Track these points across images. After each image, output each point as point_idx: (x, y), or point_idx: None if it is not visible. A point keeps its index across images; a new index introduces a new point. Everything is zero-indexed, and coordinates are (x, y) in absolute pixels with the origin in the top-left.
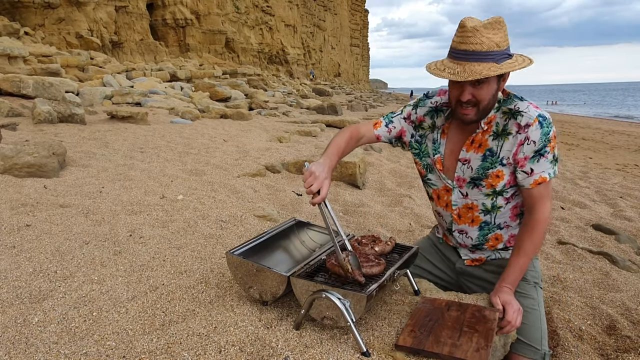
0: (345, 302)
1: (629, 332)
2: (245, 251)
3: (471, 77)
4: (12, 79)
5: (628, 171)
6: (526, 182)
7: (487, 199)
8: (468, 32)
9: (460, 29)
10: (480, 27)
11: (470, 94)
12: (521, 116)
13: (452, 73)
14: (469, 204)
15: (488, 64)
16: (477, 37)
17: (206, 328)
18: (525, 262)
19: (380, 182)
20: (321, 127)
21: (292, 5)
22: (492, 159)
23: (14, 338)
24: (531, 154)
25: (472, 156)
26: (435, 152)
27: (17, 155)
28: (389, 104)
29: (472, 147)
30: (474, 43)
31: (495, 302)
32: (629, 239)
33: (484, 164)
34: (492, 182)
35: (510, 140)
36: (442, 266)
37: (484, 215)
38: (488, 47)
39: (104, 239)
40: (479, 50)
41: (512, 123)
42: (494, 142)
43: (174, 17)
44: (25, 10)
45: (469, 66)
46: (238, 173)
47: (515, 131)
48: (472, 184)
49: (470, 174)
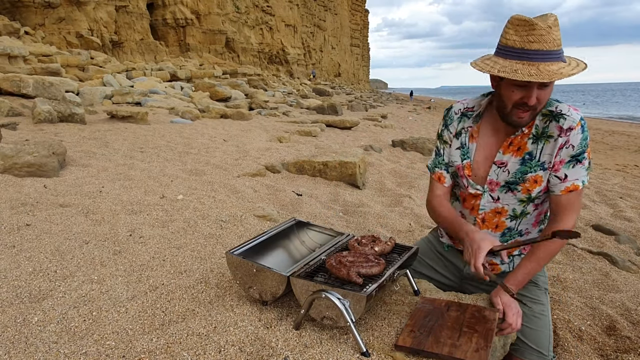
0: (344, 302)
1: (629, 332)
2: (245, 251)
3: (556, 77)
4: (12, 79)
5: (628, 172)
6: (557, 188)
7: (519, 204)
8: (542, 31)
9: (529, 27)
10: (553, 25)
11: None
12: (564, 119)
13: (529, 74)
14: (498, 208)
15: (559, 63)
16: (551, 35)
17: (206, 328)
18: (535, 268)
19: (380, 182)
20: (321, 127)
21: (292, 5)
22: (532, 162)
23: (14, 337)
24: (567, 158)
25: (509, 159)
26: (464, 157)
27: (17, 154)
28: (389, 104)
29: (510, 150)
30: (548, 42)
31: (495, 302)
32: (628, 240)
33: (523, 168)
34: (529, 187)
35: (551, 143)
36: (444, 271)
37: (510, 221)
38: (558, 45)
39: (103, 239)
40: (553, 50)
41: (553, 126)
42: (534, 145)
43: (174, 16)
44: (26, 10)
45: (543, 66)
46: (238, 173)
47: (557, 134)
48: (506, 187)
49: (506, 178)
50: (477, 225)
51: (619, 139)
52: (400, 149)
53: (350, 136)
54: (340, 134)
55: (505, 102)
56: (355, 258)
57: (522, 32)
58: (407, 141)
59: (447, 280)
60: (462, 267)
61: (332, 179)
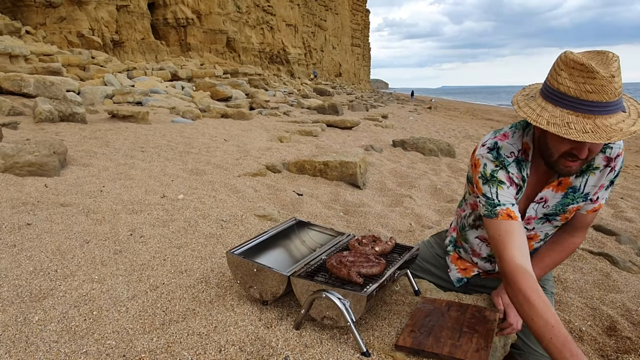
0: (345, 302)
1: (630, 333)
2: (246, 251)
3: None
4: (13, 78)
5: (629, 172)
6: (585, 209)
7: (552, 230)
8: (603, 81)
9: (587, 73)
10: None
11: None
12: (610, 149)
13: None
14: (530, 234)
15: (618, 114)
16: (613, 84)
17: (206, 327)
18: (539, 275)
19: (381, 182)
20: (322, 126)
21: (293, 5)
22: (574, 195)
23: (15, 337)
24: (607, 183)
25: (550, 195)
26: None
27: (18, 154)
28: (390, 104)
29: (550, 186)
30: (609, 92)
31: (496, 302)
32: (629, 240)
33: (565, 201)
34: (569, 215)
35: (596, 175)
36: (446, 276)
37: (538, 244)
38: (619, 95)
39: (104, 238)
40: (613, 101)
41: (600, 157)
42: (577, 179)
43: (175, 16)
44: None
45: (600, 120)
46: (239, 172)
47: (604, 165)
48: (543, 219)
49: (545, 211)
50: None
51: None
52: (400, 148)
53: (351, 136)
54: (341, 133)
55: (552, 151)
56: (355, 258)
57: (579, 78)
58: (407, 141)
59: (449, 285)
60: None
61: (332, 178)
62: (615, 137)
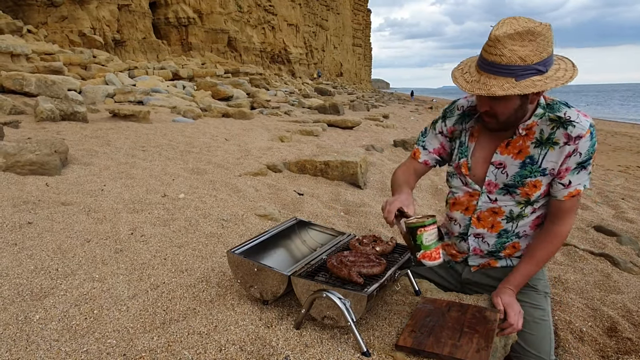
0: (345, 302)
1: (630, 334)
2: (246, 250)
3: (479, 91)
4: (14, 77)
5: (630, 173)
6: (560, 194)
7: (517, 206)
8: (490, 41)
9: (488, 38)
10: (505, 38)
11: (487, 106)
12: (572, 126)
13: (467, 81)
14: (495, 208)
15: (505, 79)
16: (498, 48)
17: (207, 327)
18: (534, 270)
19: (382, 182)
20: (323, 126)
21: (294, 5)
22: (532, 167)
23: (15, 335)
24: (574, 165)
25: (508, 161)
26: (461, 156)
27: (19, 152)
28: (391, 103)
29: (508, 151)
30: (494, 54)
31: (496, 303)
32: (630, 241)
33: (522, 172)
34: (529, 191)
35: (556, 150)
36: (446, 275)
37: (506, 223)
38: (508, 60)
39: (105, 237)
40: (497, 63)
41: (560, 133)
42: (536, 149)
43: (177, 15)
44: (29, 8)
45: (485, 78)
46: (239, 172)
47: (564, 142)
48: (504, 190)
49: (505, 180)
50: (472, 223)
51: (621, 140)
52: (401, 148)
53: (351, 136)
54: (342, 133)
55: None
56: (356, 258)
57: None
58: (408, 141)
59: (449, 284)
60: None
61: (333, 178)
62: (478, 91)
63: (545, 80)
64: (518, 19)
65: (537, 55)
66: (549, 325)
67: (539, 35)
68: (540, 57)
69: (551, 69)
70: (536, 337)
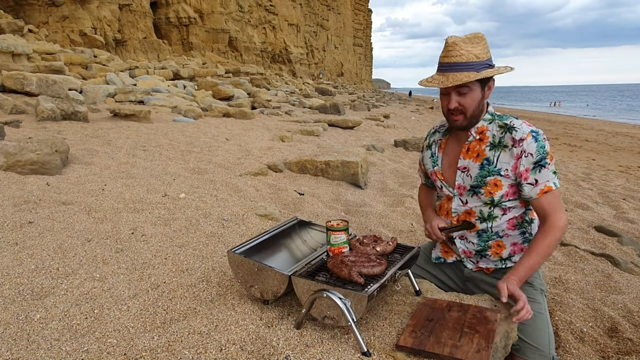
0: (346, 302)
1: (631, 334)
2: (247, 250)
3: (452, 83)
4: (15, 77)
5: (631, 173)
6: (533, 193)
7: (485, 207)
8: (449, 47)
9: (445, 46)
10: (459, 42)
11: (456, 102)
12: (515, 131)
13: (438, 82)
14: (468, 209)
15: (467, 73)
16: (457, 50)
17: (207, 326)
18: (536, 261)
19: (382, 182)
20: (324, 126)
21: (295, 5)
22: (489, 167)
23: (16, 335)
24: (531, 166)
25: (470, 164)
26: (434, 165)
27: (20, 152)
28: (391, 103)
29: (469, 156)
30: (455, 56)
31: (501, 287)
32: (631, 241)
33: (482, 172)
34: (491, 189)
35: (507, 153)
36: (449, 272)
37: (481, 223)
38: (467, 58)
39: (106, 237)
40: (460, 62)
41: (507, 137)
42: (491, 152)
43: (178, 15)
44: (30, 8)
45: (452, 75)
46: (240, 172)
47: (511, 145)
48: (471, 191)
49: (470, 182)
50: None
51: (622, 140)
52: (402, 148)
53: (352, 136)
54: (343, 133)
55: (443, 110)
56: (356, 258)
57: (443, 49)
58: (409, 141)
59: (451, 281)
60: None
61: (334, 178)
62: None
63: (497, 69)
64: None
65: (486, 53)
66: (545, 318)
67: (482, 39)
68: (488, 55)
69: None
70: (533, 329)
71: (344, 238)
